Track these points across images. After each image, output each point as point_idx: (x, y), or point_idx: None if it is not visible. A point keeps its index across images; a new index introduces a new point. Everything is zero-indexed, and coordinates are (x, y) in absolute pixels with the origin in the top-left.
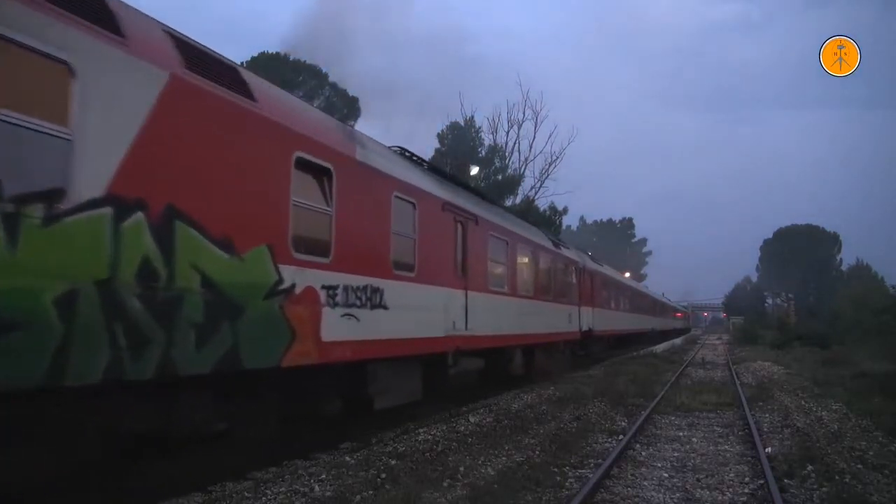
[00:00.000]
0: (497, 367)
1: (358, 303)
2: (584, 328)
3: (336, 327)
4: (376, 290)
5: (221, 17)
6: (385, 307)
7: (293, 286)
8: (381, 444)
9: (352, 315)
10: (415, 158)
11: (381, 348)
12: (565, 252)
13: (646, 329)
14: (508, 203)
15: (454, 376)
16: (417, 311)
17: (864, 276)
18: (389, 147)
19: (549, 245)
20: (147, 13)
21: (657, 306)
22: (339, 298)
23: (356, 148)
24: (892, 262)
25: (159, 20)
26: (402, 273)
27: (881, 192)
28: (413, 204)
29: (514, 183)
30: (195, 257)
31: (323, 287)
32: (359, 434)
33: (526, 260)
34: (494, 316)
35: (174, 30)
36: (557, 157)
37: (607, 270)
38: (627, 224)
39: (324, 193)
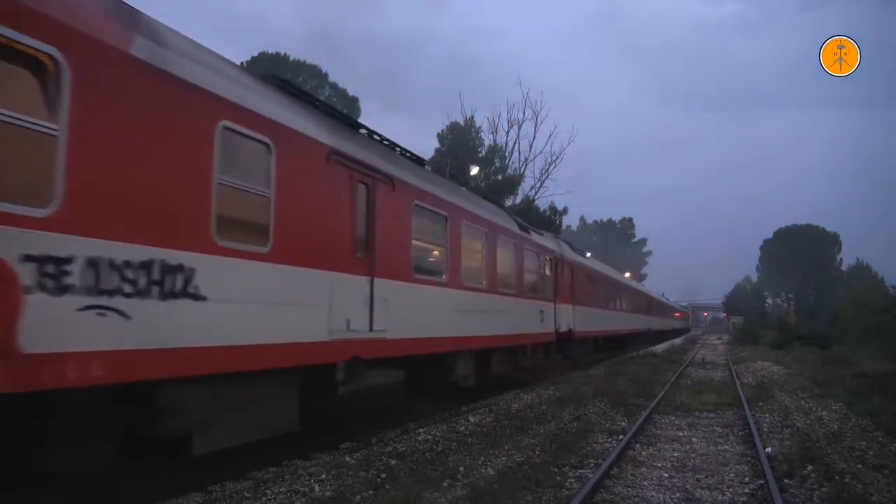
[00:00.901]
0: (431, 378)
1: (129, 289)
2: (563, 328)
3: (68, 329)
4: (176, 270)
5: (221, 17)
6: (196, 297)
7: None
8: (381, 444)
9: (112, 309)
10: (295, 93)
11: (184, 362)
12: (537, 239)
13: (640, 329)
14: (508, 203)
15: (351, 395)
16: (272, 306)
17: (864, 276)
18: (263, 79)
19: (512, 228)
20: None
21: (653, 305)
22: (75, 280)
23: (134, 38)
24: (892, 262)
25: None
26: (240, 247)
27: (881, 192)
28: (267, 145)
29: (514, 183)
30: None
31: (28, 259)
32: (359, 434)
33: (478, 244)
34: (423, 313)
35: None
36: (557, 157)
37: (592, 263)
38: (627, 224)
39: (46, 95)
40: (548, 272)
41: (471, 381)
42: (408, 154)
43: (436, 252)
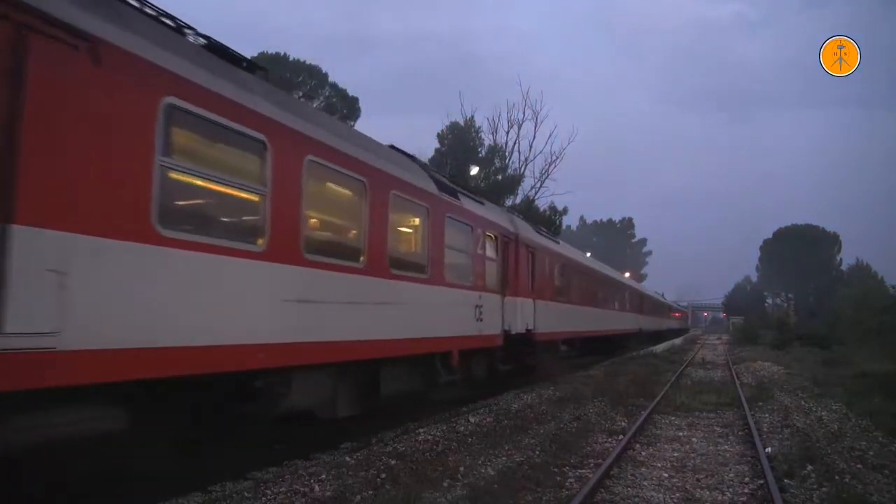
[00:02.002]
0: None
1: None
2: (517, 328)
3: None
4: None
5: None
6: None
7: None
8: (381, 444)
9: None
10: None
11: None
12: (472, 208)
13: (629, 330)
14: (508, 203)
15: None
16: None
17: (863, 276)
18: None
19: (423, 185)
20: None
21: (646, 302)
22: None
23: None
24: (892, 262)
25: None
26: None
27: (881, 192)
28: None
29: (514, 183)
30: None
31: None
32: (359, 434)
33: (347, 200)
34: (183, 302)
35: None
36: (557, 157)
37: (565, 250)
38: (627, 224)
39: None
40: (491, 254)
41: (339, 411)
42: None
43: (238, 199)
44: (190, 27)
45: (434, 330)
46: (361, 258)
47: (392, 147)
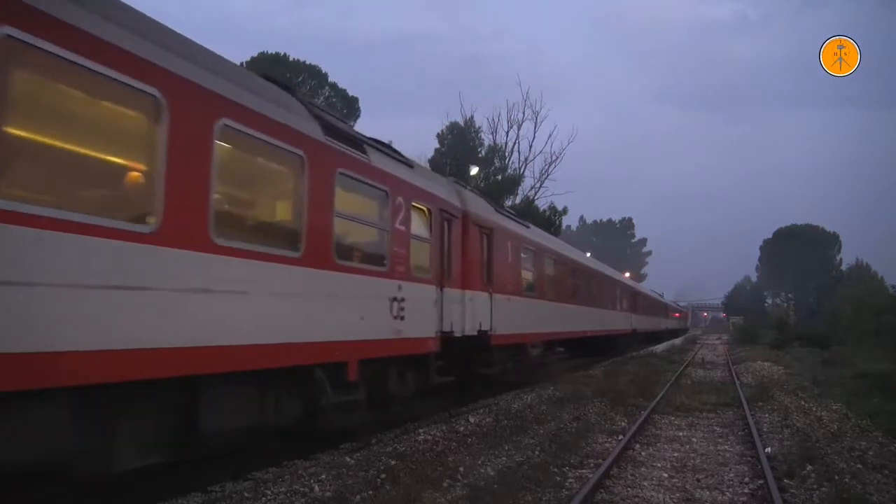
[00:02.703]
0: None
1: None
2: (467, 329)
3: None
4: None
5: (221, 16)
6: None
7: None
8: (381, 444)
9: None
10: None
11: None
12: (387, 167)
13: (622, 330)
14: (508, 203)
15: None
16: None
17: (863, 276)
18: None
19: (282, 118)
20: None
21: (641, 301)
22: None
23: None
24: (892, 262)
25: None
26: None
27: (881, 192)
28: None
29: (513, 183)
30: None
31: None
32: (359, 434)
33: (139, 134)
34: None
35: None
36: (557, 158)
37: (535, 235)
38: (627, 224)
39: None
40: (421, 232)
41: (119, 461)
42: None
43: None
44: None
45: (310, 332)
46: (151, 220)
47: (267, 78)
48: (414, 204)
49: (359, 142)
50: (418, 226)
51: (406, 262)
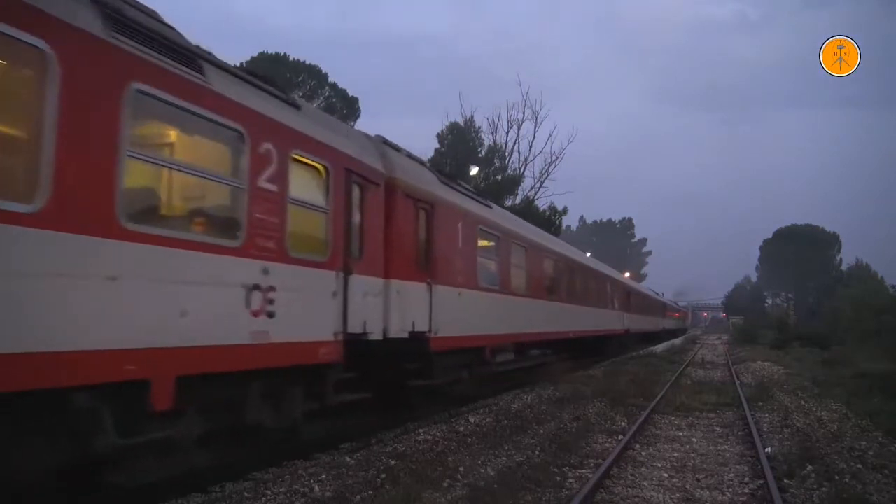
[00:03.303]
0: None
1: None
2: (392, 330)
3: None
4: None
5: (222, 16)
6: None
7: None
8: (381, 444)
9: None
10: None
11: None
12: (238, 97)
13: (613, 330)
14: (508, 203)
15: None
16: None
17: (863, 276)
18: None
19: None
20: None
21: (636, 299)
22: None
23: None
24: (892, 262)
25: None
26: None
27: (881, 192)
28: None
29: (513, 183)
30: None
31: None
32: (359, 434)
33: None
34: None
35: None
36: (557, 158)
37: (497, 216)
38: (627, 224)
39: None
40: (313, 198)
41: None
42: None
43: None
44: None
45: (57, 334)
46: None
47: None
48: (297, 157)
49: (187, 54)
50: (305, 188)
51: (279, 236)
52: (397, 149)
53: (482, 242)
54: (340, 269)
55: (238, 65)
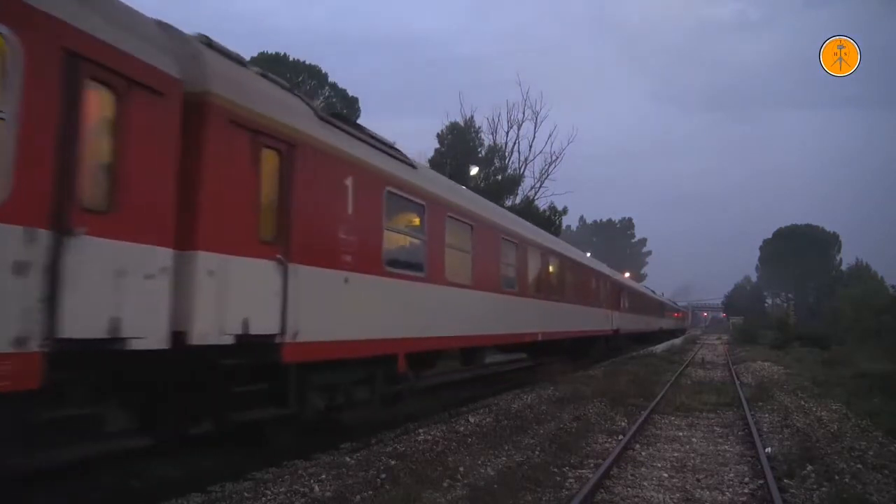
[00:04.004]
0: None
1: None
2: (200, 333)
3: None
4: None
5: (221, 16)
6: None
7: None
8: (381, 444)
9: None
10: None
11: None
12: None
13: (599, 331)
14: (508, 203)
15: None
16: None
17: (863, 276)
18: None
19: None
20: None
21: (628, 296)
22: None
23: None
24: (892, 262)
25: None
26: None
27: (882, 192)
28: None
29: (513, 183)
30: None
31: None
32: (359, 434)
33: None
34: None
35: None
36: (557, 158)
37: (417, 177)
38: (627, 224)
39: None
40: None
41: None
42: None
43: None
44: None
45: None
46: None
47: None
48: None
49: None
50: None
51: None
52: (239, 61)
53: (403, 214)
54: (41, 224)
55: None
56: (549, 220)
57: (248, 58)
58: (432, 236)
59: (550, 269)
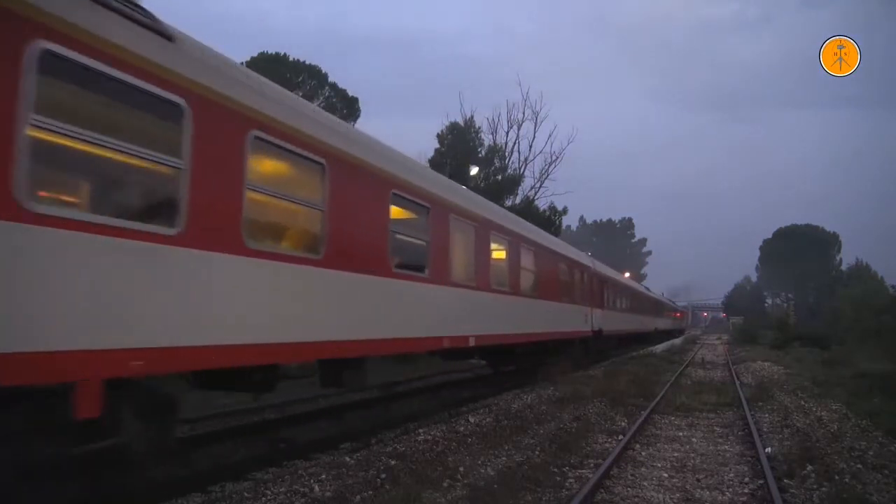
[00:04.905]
0: None
1: None
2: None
3: None
4: None
5: (221, 16)
6: None
7: None
8: (381, 444)
9: None
10: None
11: None
12: None
13: (574, 332)
14: (508, 203)
15: None
16: None
17: (863, 276)
18: None
19: None
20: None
21: (614, 292)
22: None
23: None
24: (892, 262)
25: None
26: None
27: (882, 193)
28: None
29: (513, 183)
30: None
31: None
32: (359, 434)
33: None
34: None
35: None
36: (557, 158)
37: (285, 111)
38: (627, 224)
39: None
40: None
41: None
42: None
43: None
44: None
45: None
46: None
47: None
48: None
49: None
50: None
51: None
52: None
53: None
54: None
55: (240, 64)
56: (550, 220)
57: (248, 58)
58: (336, 195)
59: (494, 249)
